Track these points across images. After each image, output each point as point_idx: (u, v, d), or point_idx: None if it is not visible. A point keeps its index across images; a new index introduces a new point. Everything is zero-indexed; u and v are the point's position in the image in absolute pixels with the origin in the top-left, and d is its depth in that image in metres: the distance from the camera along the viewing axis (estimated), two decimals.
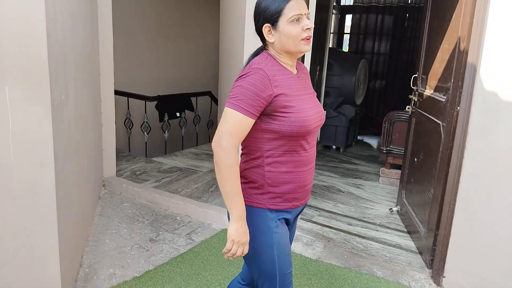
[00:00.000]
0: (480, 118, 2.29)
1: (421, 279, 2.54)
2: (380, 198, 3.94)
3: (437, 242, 2.52)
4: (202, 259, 2.69)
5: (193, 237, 3.01)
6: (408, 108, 3.39)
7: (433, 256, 2.56)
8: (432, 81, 2.99)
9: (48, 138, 1.85)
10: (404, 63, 7.02)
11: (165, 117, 5.48)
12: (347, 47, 7.53)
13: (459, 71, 2.43)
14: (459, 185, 2.38)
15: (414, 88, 3.33)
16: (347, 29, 7.67)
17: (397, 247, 2.93)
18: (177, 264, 2.61)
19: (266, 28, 1.39)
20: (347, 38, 7.60)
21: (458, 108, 2.41)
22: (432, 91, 2.96)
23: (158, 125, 5.57)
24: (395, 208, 3.52)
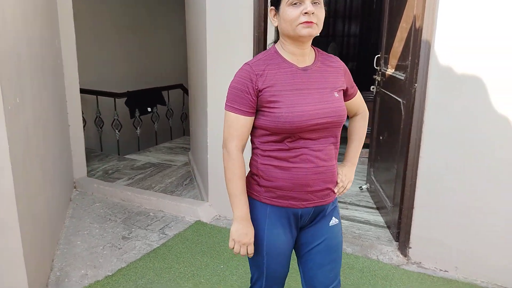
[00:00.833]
0: (436, 93, 2.35)
1: (388, 251, 2.61)
2: None
3: (402, 215, 2.59)
4: (175, 252, 2.70)
5: (166, 231, 3.02)
6: (373, 88, 3.44)
7: (399, 229, 2.63)
8: (393, 60, 3.04)
9: (3, 143, 1.82)
10: (375, 44, 7.06)
11: (136, 113, 5.42)
12: None
13: (416, 49, 2.48)
14: (419, 159, 2.45)
15: (378, 68, 3.37)
16: None
17: (366, 223, 3.00)
18: (149, 260, 2.62)
19: (271, 11, 1.37)
20: None
21: (416, 85, 2.46)
22: (393, 70, 3.01)
23: (130, 121, 5.52)
24: (364, 186, 3.59)
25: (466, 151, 2.30)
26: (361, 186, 3.61)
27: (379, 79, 3.34)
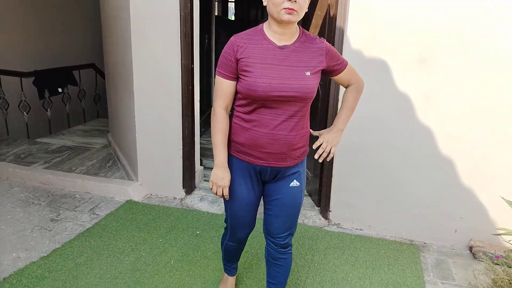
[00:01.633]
0: None
1: (312, 216, 2.95)
2: None
3: (322, 183, 2.93)
4: (111, 230, 2.72)
5: (97, 212, 3.00)
6: None
7: (320, 196, 2.98)
8: None
9: None
10: None
11: (46, 94, 5.08)
12: (233, 16, 7.69)
13: (331, 35, 2.77)
14: None
15: None
16: None
17: None
18: (85, 239, 2.61)
19: None
20: (232, 6, 7.74)
21: None
22: None
23: (39, 103, 5.15)
24: None
25: (373, 125, 2.69)
26: None
27: None
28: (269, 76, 1.51)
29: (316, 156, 1.67)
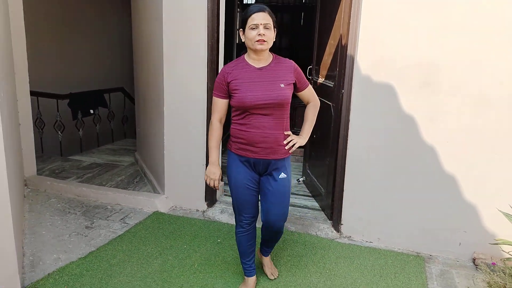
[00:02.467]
0: (358, 97, 2.94)
1: (325, 228, 3.17)
2: None
3: (334, 198, 3.16)
4: (140, 237, 2.99)
5: (127, 221, 3.28)
6: None
7: (332, 210, 3.20)
8: (323, 71, 3.63)
9: None
10: (303, 57, 7.81)
11: (79, 114, 5.49)
12: None
13: (342, 62, 3.06)
14: (347, 151, 3.03)
15: (310, 77, 3.96)
16: None
17: (305, 208, 3.55)
18: (117, 244, 2.88)
19: (240, 31, 2.09)
20: None
21: (343, 91, 3.04)
22: (323, 79, 3.60)
23: (72, 123, 5.56)
24: (301, 179, 4.15)
25: (382, 144, 2.92)
26: (299, 179, 4.17)
27: (312, 87, 3.91)
28: (253, 90, 2.04)
29: (285, 142, 2.15)
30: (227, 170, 2.27)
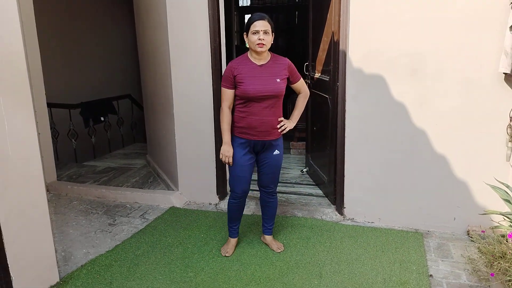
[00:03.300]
0: (352, 88, 3.18)
1: (329, 212, 3.41)
2: (293, 165, 4.83)
3: (336, 184, 3.40)
4: (160, 230, 3.25)
5: (146, 217, 3.54)
6: None
7: (335, 195, 3.44)
8: (319, 66, 3.87)
9: (34, 136, 2.29)
10: (299, 54, 8.04)
11: (90, 122, 5.76)
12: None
13: (336, 57, 3.30)
14: (345, 139, 3.27)
15: (307, 73, 4.20)
16: None
17: (310, 195, 3.80)
18: (140, 237, 3.14)
19: (245, 35, 2.55)
20: None
21: (338, 83, 3.27)
22: (320, 74, 3.84)
23: (84, 131, 5.83)
24: (304, 170, 4.40)
25: (374, 130, 3.16)
26: (302, 170, 4.42)
27: (309, 82, 4.16)
28: (255, 83, 2.50)
29: (278, 126, 2.62)
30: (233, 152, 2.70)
